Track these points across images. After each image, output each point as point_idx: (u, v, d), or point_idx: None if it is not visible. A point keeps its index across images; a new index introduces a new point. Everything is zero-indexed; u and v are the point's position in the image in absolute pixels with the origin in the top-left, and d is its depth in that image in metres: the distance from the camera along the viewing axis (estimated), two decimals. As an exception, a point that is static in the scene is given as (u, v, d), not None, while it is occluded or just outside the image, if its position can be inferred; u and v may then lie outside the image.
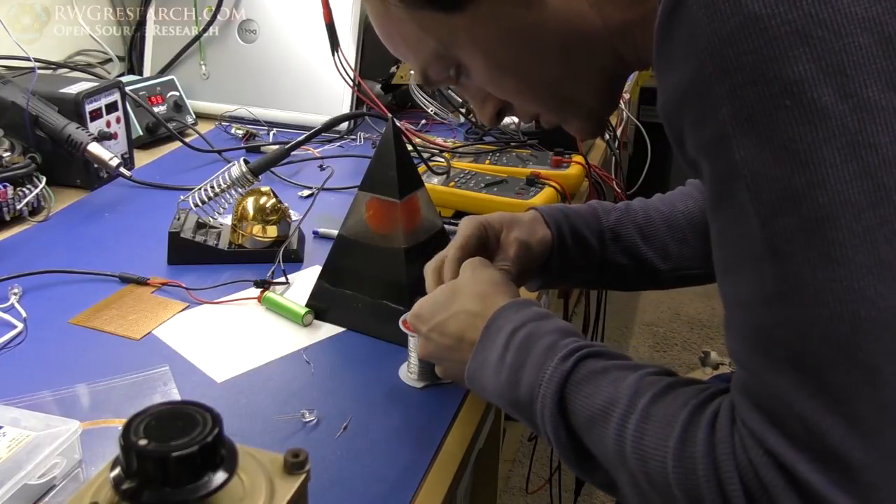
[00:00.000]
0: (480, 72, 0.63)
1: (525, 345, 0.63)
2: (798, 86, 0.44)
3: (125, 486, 0.43)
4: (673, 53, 0.49)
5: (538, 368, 0.61)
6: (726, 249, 0.50)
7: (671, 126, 0.52)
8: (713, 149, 0.48)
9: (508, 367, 0.63)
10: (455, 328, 0.69)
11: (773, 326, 0.46)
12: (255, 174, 1.05)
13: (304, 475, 0.49)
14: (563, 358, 0.60)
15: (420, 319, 0.72)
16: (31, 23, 1.50)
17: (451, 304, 0.70)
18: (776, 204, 0.45)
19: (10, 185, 1.13)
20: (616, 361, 0.59)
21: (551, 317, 0.66)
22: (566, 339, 0.62)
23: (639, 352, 2.51)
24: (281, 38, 1.55)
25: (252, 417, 0.76)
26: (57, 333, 0.89)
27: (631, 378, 0.57)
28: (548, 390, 0.59)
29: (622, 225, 0.84)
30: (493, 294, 0.70)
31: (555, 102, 0.66)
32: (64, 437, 0.66)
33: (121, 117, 1.31)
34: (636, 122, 1.82)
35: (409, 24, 0.62)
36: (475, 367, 0.67)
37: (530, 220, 0.82)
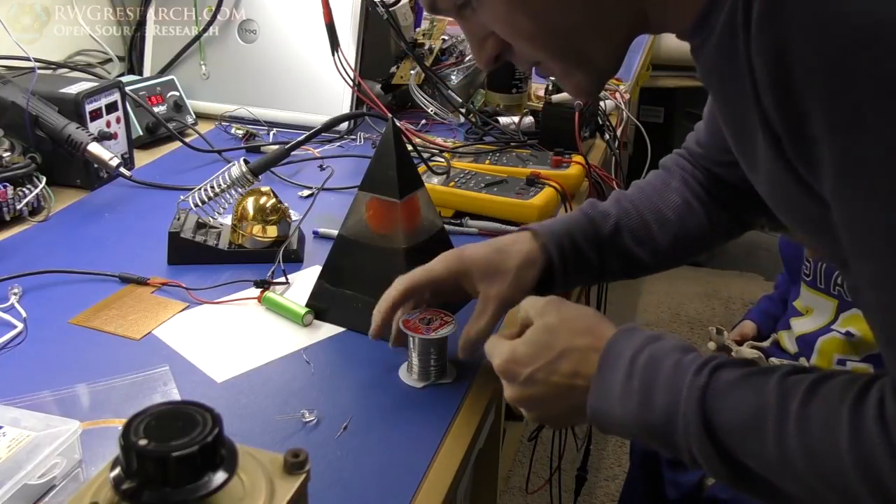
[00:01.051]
0: (498, 5, 0.61)
1: (649, 367, 0.61)
2: None
3: (125, 486, 0.43)
4: (788, 23, 0.46)
5: (670, 387, 0.59)
6: (864, 231, 0.49)
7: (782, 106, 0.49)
8: (850, 124, 0.46)
9: (637, 392, 0.61)
10: (568, 367, 0.66)
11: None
12: (255, 174, 1.05)
13: (304, 475, 0.49)
14: (695, 372, 0.58)
15: (518, 363, 0.68)
16: (31, 23, 1.50)
17: (554, 344, 0.67)
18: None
19: (10, 185, 1.13)
20: (749, 368, 0.58)
21: (664, 336, 0.64)
22: (689, 354, 0.61)
23: (639, 352, 2.51)
24: (281, 38, 1.55)
25: (252, 417, 0.76)
26: (57, 333, 0.89)
27: (772, 382, 0.55)
28: (688, 407, 0.58)
29: (619, 233, 0.85)
30: (596, 326, 0.68)
31: (564, 52, 0.64)
32: (64, 437, 0.66)
33: (121, 117, 1.31)
34: (636, 122, 1.82)
35: None
36: (598, 399, 0.64)
37: (514, 266, 0.80)
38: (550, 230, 0.83)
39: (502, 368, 0.68)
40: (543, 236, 0.82)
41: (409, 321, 0.78)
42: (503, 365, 0.68)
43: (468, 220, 1.14)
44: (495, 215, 1.15)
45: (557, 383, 0.66)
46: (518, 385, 0.68)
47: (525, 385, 0.68)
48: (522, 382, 0.68)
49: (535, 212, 1.13)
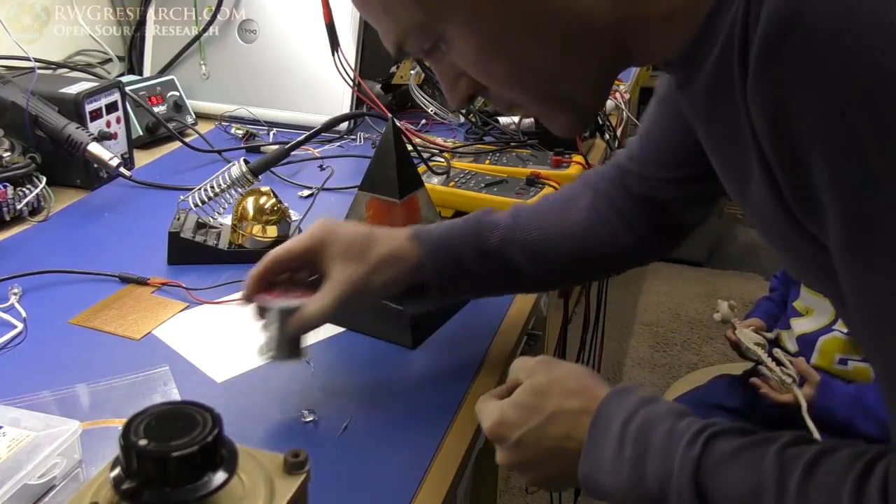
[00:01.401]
0: (468, 51, 0.58)
1: (641, 434, 0.58)
2: None
3: (125, 486, 0.43)
4: (785, 80, 0.44)
5: (664, 458, 0.57)
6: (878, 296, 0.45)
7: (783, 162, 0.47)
8: (858, 187, 0.43)
9: (629, 462, 0.58)
10: (558, 430, 0.63)
11: None
12: (255, 174, 1.05)
13: (304, 475, 0.49)
14: (689, 442, 0.56)
15: (507, 426, 0.64)
16: (31, 23, 1.50)
17: (544, 406, 0.64)
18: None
19: (10, 185, 1.13)
20: (745, 439, 0.55)
21: (658, 399, 0.62)
22: (683, 420, 0.58)
23: (639, 352, 2.51)
24: (281, 38, 1.55)
25: (252, 417, 0.76)
26: (57, 333, 0.89)
27: (769, 455, 0.53)
28: (681, 481, 0.55)
29: (507, 245, 0.79)
30: (588, 387, 0.64)
31: (543, 95, 0.61)
32: (64, 437, 0.66)
33: (121, 117, 1.31)
34: (636, 122, 1.82)
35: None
36: (589, 467, 0.61)
37: (382, 256, 0.74)
38: (430, 233, 0.78)
39: (491, 431, 0.65)
40: (421, 238, 0.77)
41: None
42: (492, 428, 0.65)
43: (468, 220, 1.14)
44: (495, 215, 1.15)
45: (548, 447, 0.63)
46: (508, 448, 0.65)
47: (515, 448, 0.64)
48: (512, 446, 0.64)
49: (535, 212, 1.13)
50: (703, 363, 2.42)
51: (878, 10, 0.40)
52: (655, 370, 2.44)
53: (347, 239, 0.74)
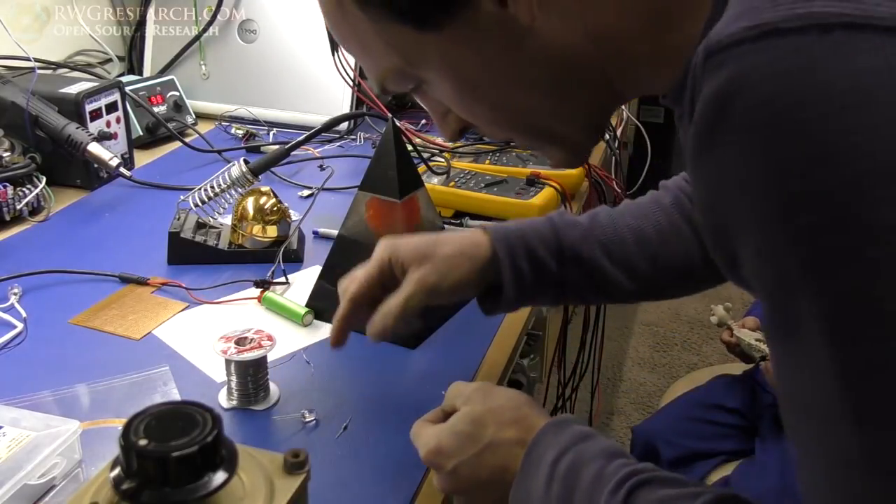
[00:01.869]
0: (448, 94, 0.57)
1: (570, 474, 0.57)
2: (886, 234, 0.37)
3: (125, 486, 0.43)
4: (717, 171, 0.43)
5: (588, 502, 0.56)
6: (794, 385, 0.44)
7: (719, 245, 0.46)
8: (777, 289, 0.42)
9: (556, 500, 0.57)
10: (493, 461, 0.62)
11: (861, 494, 0.41)
12: (255, 174, 1.05)
13: (304, 475, 0.49)
14: (613, 490, 0.55)
15: (443, 454, 0.63)
16: (31, 23, 1.50)
17: (480, 436, 0.62)
18: (862, 367, 0.39)
19: (10, 185, 1.13)
20: (670, 491, 0.54)
21: (594, 436, 0.60)
22: (612, 463, 0.57)
23: (639, 352, 2.51)
24: (281, 38, 1.55)
25: (252, 417, 0.76)
26: (57, 333, 0.89)
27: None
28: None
29: (585, 242, 0.76)
30: (525, 416, 0.63)
31: (531, 132, 0.60)
32: (64, 437, 0.66)
33: (121, 117, 1.31)
34: (636, 122, 1.82)
35: (371, 35, 0.54)
36: (519, 500, 0.60)
37: (455, 254, 0.72)
38: (505, 229, 0.75)
39: (427, 459, 0.64)
40: (494, 233, 0.74)
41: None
42: (428, 456, 0.64)
43: (468, 220, 1.14)
44: (495, 215, 1.15)
45: (484, 478, 0.62)
46: (445, 476, 0.63)
47: (451, 477, 0.63)
48: (449, 474, 0.63)
49: (535, 212, 1.13)
50: (703, 363, 2.42)
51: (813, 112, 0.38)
52: (655, 370, 2.44)
53: (413, 246, 0.72)
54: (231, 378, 0.76)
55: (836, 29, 0.37)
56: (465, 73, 0.55)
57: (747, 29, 0.39)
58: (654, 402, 2.24)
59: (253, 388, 0.76)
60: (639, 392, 2.34)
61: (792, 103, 0.38)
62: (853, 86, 0.37)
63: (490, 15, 0.50)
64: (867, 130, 0.37)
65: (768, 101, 0.38)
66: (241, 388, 0.76)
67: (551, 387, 1.65)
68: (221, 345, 0.75)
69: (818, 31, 0.37)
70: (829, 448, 0.42)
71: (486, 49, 0.52)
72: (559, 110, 0.57)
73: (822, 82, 0.37)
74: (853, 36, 0.37)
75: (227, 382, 0.77)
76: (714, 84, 0.41)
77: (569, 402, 1.60)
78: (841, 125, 0.37)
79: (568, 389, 1.56)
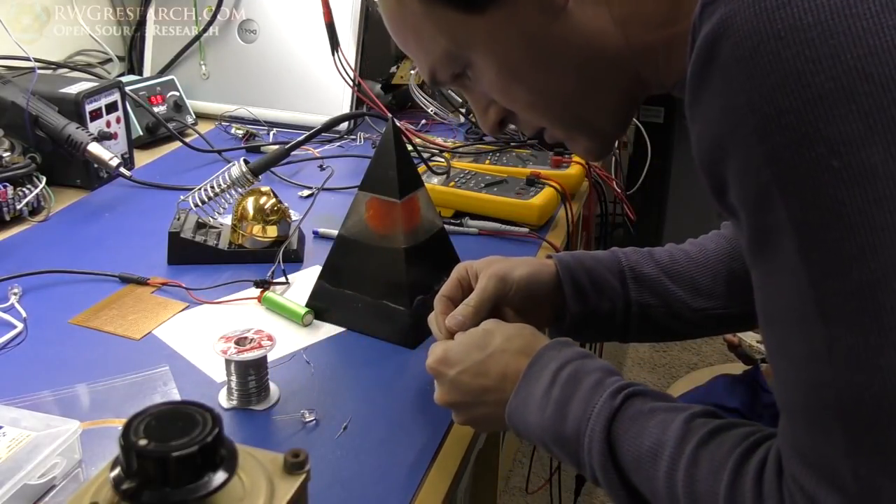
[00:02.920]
0: (492, 77, 0.62)
1: (571, 381, 0.62)
2: (845, 146, 0.42)
3: (125, 486, 0.43)
4: (709, 104, 0.48)
5: (586, 404, 0.60)
6: (771, 301, 0.49)
7: (710, 175, 0.50)
8: (756, 205, 0.47)
9: (555, 402, 0.62)
10: (497, 367, 0.67)
11: (822, 386, 0.46)
12: (255, 174, 1.05)
13: (304, 475, 0.49)
14: (611, 395, 0.60)
15: (447, 363, 0.68)
16: (31, 23, 1.50)
17: (487, 345, 0.68)
18: (826, 267, 0.44)
19: (10, 185, 1.13)
20: (662, 403, 0.59)
21: (594, 357, 0.66)
22: (612, 377, 0.62)
23: (639, 352, 2.51)
24: (281, 38, 1.55)
25: (252, 417, 0.76)
26: (57, 333, 0.89)
27: (678, 420, 0.57)
28: (596, 425, 0.59)
29: (644, 263, 0.81)
30: (531, 334, 0.69)
31: (564, 119, 0.64)
32: (64, 437, 0.66)
33: (121, 117, 1.31)
34: (636, 122, 1.82)
35: (424, 21, 0.60)
36: (518, 402, 0.65)
37: (522, 260, 0.79)
38: (564, 252, 0.82)
39: (432, 367, 0.69)
40: (556, 256, 0.81)
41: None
42: (433, 364, 0.69)
43: (468, 220, 1.14)
44: (495, 215, 1.15)
45: (483, 385, 0.67)
46: (446, 385, 0.69)
47: (452, 386, 0.68)
48: (450, 383, 0.68)
49: (535, 212, 1.13)
50: (703, 363, 2.42)
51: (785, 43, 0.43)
52: (655, 370, 2.44)
53: (488, 259, 0.79)
54: (231, 378, 0.76)
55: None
56: (507, 55, 0.60)
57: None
58: (654, 402, 2.24)
59: (253, 388, 0.76)
60: (639, 392, 2.34)
61: (768, 37, 0.44)
62: (817, 19, 0.42)
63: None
64: (829, 57, 0.42)
65: (748, 37, 0.44)
66: (241, 388, 0.76)
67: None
68: (221, 345, 0.75)
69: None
70: (801, 348, 0.47)
71: (525, 30, 0.58)
72: (590, 95, 0.62)
73: (791, 17, 0.43)
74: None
75: (227, 382, 0.77)
76: (707, 29, 0.46)
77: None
78: (807, 53, 0.43)
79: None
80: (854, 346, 0.44)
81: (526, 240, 1.12)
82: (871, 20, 0.42)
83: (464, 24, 0.59)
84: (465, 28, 0.59)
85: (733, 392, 1.38)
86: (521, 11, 0.57)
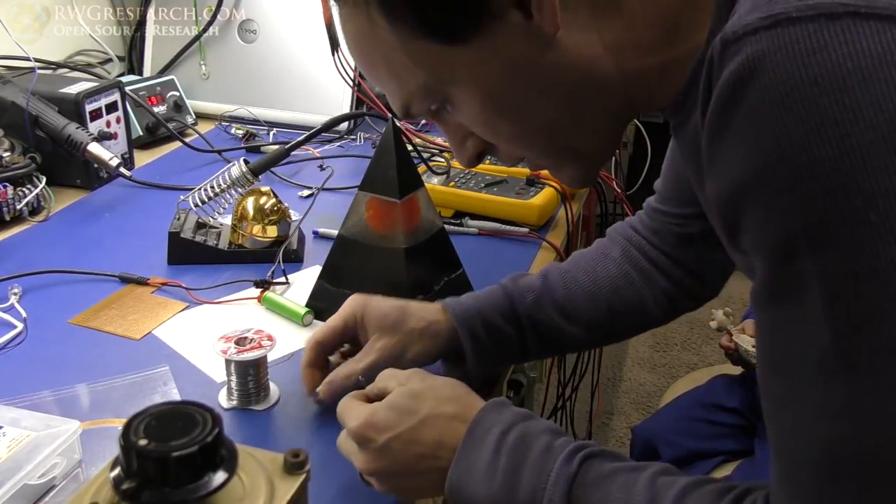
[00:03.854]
0: (474, 111, 0.58)
1: (519, 446, 0.59)
2: (884, 199, 0.40)
3: (125, 486, 0.43)
4: (730, 147, 0.46)
5: (539, 471, 0.57)
6: (782, 349, 0.48)
7: (724, 217, 0.49)
8: (779, 253, 0.45)
9: (503, 472, 0.58)
10: (431, 435, 0.62)
11: (841, 440, 0.45)
12: (255, 174, 1.05)
13: (304, 475, 0.49)
14: (566, 459, 0.57)
15: (376, 429, 0.62)
16: (31, 23, 1.50)
17: (418, 409, 0.62)
18: (855, 321, 0.43)
19: (10, 185, 1.13)
20: (621, 463, 0.57)
21: (536, 417, 0.63)
22: (560, 438, 0.59)
23: (639, 352, 2.51)
24: (281, 38, 1.55)
25: (252, 417, 0.76)
26: (57, 333, 0.89)
27: (641, 482, 0.55)
28: (554, 494, 0.56)
29: (540, 308, 0.79)
30: (463, 395, 0.64)
31: (551, 148, 0.61)
32: (64, 437, 0.66)
33: (121, 117, 1.31)
34: (636, 122, 1.82)
35: (398, 53, 0.55)
36: (460, 474, 0.60)
37: (416, 330, 0.75)
38: (462, 305, 0.78)
39: (357, 433, 0.63)
40: (452, 310, 0.77)
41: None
42: (359, 429, 0.62)
43: (468, 220, 1.14)
44: (495, 215, 1.15)
45: (417, 453, 0.62)
46: (372, 452, 0.62)
47: (380, 453, 0.62)
48: (378, 450, 0.62)
49: (534, 212, 1.13)
50: (703, 363, 2.42)
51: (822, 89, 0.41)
52: (655, 370, 2.44)
53: (382, 312, 0.76)
54: (231, 378, 0.76)
55: (842, 17, 0.41)
56: (491, 86, 0.56)
57: (761, 19, 0.43)
58: (654, 402, 2.24)
59: (253, 388, 0.76)
60: (639, 392, 2.34)
61: (802, 82, 0.41)
62: (857, 66, 0.41)
63: (516, 27, 0.53)
64: (869, 106, 0.40)
65: (781, 81, 0.42)
66: (241, 388, 0.76)
67: (551, 387, 1.65)
68: (221, 345, 0.75)
69: (826, 18, 0.41)
70: (818, 399, 0.45)
71: (511, 61, 0.54)
72: (580, 123, 0.59)
73: (829, 63, 0.41)
74: (858, 23, 0.41)
75: (227, 382, 0.77)
76: (731, 68, 0.44)
77: (569, 402, 1.60)
78: (847, 101, 0.41)
79: (568, 389, 1.56)
80: (879, 402, 0.43)
81: (526, 240, 1.12)
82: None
83: (445, 57, 0.55)
84: (446, 60, 0.55)
85: (733, 392, 1.38)
86: (508, 41, 0.53)
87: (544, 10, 0.52)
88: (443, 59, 0.55)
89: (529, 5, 0.52)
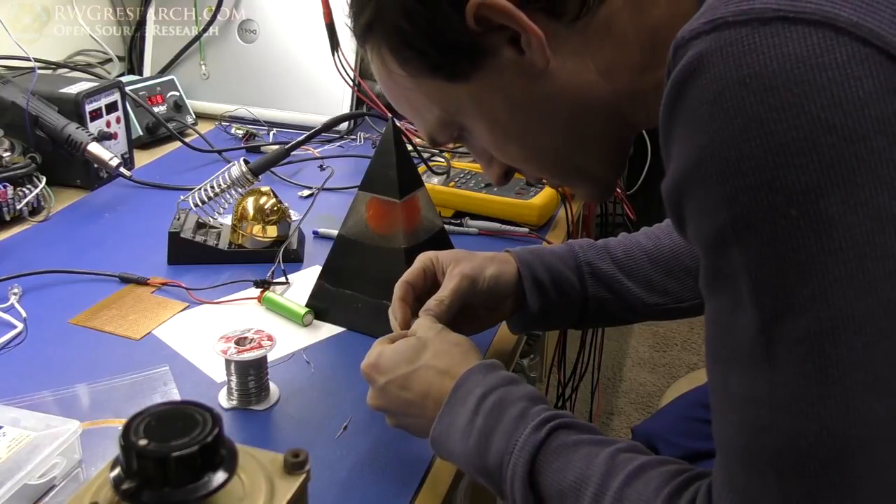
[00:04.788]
0: (486, 138, 0.63)
1: (495, 410, 0.61)
2: (804, 195, 0.42)
3: (125, 486, 0.43)
4: (675, 141, 0.48)
5: (509, 436, 0.59)
6: (719, 338, 0.50)
7: (672, 207, 0.51)
8: (712, 245, 0.47)
9: (478, 432, 0.61)
10: (420, 384, 0.66)
11: (761, 429, 0.46)
12: (255, 174, 1.05)
13: (304, 475, 0.49)
14: (535, 427, 0.59)
15: (378, 370, 0.68)
16: (31, 23, 1.50)
17: (415, 359, 0.67)
18: (777, 312, 0.44)
19: (10, 185, 1.13)
20: (588, 436, 0.59)
21: (520, 382, 0.65)
22: (536, 406, 0.61)
23: (639, 352, 2.51)
24: (281, 38, 1.55)
25: (252, 417, 0.76)
26: (57, 333, 0.89)
27: (603, 455, 0.56)
28: (519, 459, 0.58)
29: (600, 260, 0.82)
30: (459, 354, 0.67)
31: (560, 170, 0.66)
32: (64, 437, 0.66)
33: (121, 117, 1.31)
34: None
35: (414, 92, 0.62)
36: (441, 430, 0.64)
37: (488, 257, 0.79)
38: (523, 248, 0.82)
39: (364, 371, 0.69)
40: (515, 252, 0.81)
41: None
42: (364, 368, 0.69)
43: (468, 220, 1.14)
44: (495, 215, 1.15)
45: (407, 399, 0.66)
46: (374, 391, 0.69)
47: (380, 393, 0.68)
48: (378, 390, 0.68)
49: (535, 212, 1.13)
50: (703, 363, 2.41)
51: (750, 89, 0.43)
52: (655, 370, 2.44)
53: (454, 251, 0.80)
54: (231, 378, 0.76)
55: (772, 21, 0.43)
56: (495, 118, 0.61)
57: (704, 24, 0.45)
58: (654, 402, 2.24)
59: (253, 388, 0.76)
60: (639, 392, 2.34)
61: (733, 82, 0.43)
62: (782, 67, 0.42)
63: (510, 62, 0.57)
64: (792, 107, 0.42)
65: (714, 81, 0.44)
66: (241, 388, 0.76)
67: (551, 387, 1.65)
68: (221, 345, 0.75)
69: (758, 23, 0.43)
70: (744, 389, 0.47)
71: (510, 93, 0.59)
72: (582, 146, 0.63)
73: (757, 64, 0.43)
74: (786, 27, 0.43)
75: (227, 382, 0.77)
76: (677, 69, 0.47)
77: (569, 402, 1.60)
78: (771, 101, 0.42)
79: (568, 389, 1.56)
80: (796, 393, 0.44)
81: (526, 240, 1.12)
82: (836, 71, 0.41)
83: (452, 92, 0.60)
84: (453, 96, 0.60)
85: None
86: (503, 77, 0.58)
87: (532, 45, 0.55)
88: (450, 94, 0.60)
89: (520, 42, 0.55)
